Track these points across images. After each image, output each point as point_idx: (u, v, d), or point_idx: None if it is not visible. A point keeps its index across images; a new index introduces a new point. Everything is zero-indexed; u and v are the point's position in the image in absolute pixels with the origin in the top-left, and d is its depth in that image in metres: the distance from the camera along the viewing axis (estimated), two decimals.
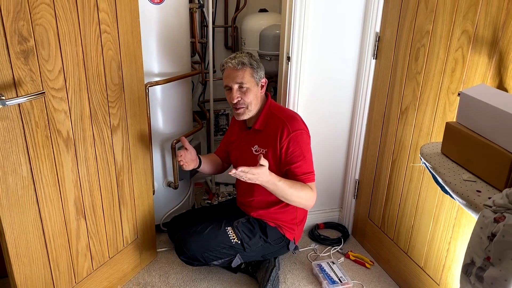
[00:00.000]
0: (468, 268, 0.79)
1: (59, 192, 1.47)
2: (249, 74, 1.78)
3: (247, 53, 1.85)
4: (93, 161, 1.60)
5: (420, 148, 1.19)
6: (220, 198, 2.73)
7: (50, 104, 1.37)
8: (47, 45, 1.31)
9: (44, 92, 1.30)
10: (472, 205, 0.86)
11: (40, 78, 1.31)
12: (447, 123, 1.08)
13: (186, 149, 1.91)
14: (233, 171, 1.58)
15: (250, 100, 1.80)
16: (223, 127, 2.96)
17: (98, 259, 1.74)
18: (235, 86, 1.78)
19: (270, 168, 1.79)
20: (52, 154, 1.42)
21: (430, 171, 1.07)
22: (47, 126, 1.38)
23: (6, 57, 1.20)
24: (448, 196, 1.56)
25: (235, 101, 1.80)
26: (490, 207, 0.77)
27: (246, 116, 1.85)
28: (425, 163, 1.10)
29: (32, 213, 1.39)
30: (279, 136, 1.78)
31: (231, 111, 2.97)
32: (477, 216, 0.81)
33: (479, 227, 0.77)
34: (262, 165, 1.62)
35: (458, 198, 0.92)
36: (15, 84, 1.24)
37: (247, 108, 1.82)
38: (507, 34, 1.30)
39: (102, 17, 1.50)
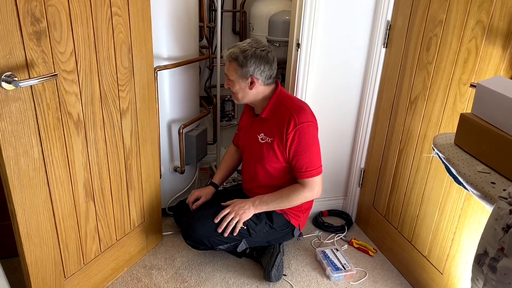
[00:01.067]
0: (480, 258, 0.80)
1: (69, 174, 1.48)
2: (232, 68, 1.81)
3: (252, 41, 1.82)
4: (102, 144, 1.60)
5: (432, 138, 1.19)
6: (224, 184, 2.74)
7: (61, 86, 1.36)
8: (59, 27, 1.30)
9: (56, 74, 1.30)
10: (487, 197, 0.87)
11: (52, 60, 1.31)
12: (461, 114, 1.07)
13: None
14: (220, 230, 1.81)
15: (236, 91, 1.85)
16: (229, 113, 2.96)
17: (106, 241, 1.76)
18: (226, 76, 1.87)
19: (274, 157, 1.84)
20: (63, 136, 1.42)
21: (443, 162, 1.07)
22: (58, 108, 1.38)
23: (19, 38, 1.19)
24: (458, 186, 1.57)
25: (226, 87, 1.90)
26: (506, 198, 0.78)
27: (238, 102, 1.91)
28: (438, 154, 1.10)
29: (43, 194, 1.40)
30: (286, 127, 1.79)
31: None
32: (492, 208, 0.82)
33: (494, 218, 0.78)
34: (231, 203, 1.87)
35: (472, 190, 0.92)
36: (27, 66, 1.24)
37: (235, 96, 1.88)
38: None
39: None
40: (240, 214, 1.83)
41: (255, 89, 1.82)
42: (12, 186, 1.28)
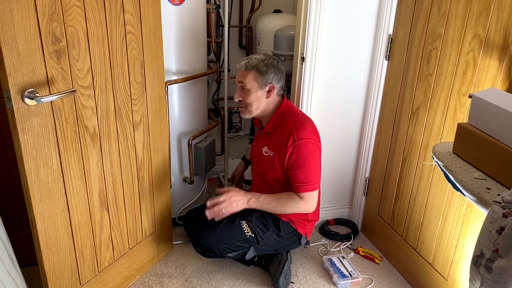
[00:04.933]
0: (477, 260, 0.85)
1: (85, 185, 1.55)
2: (252, 77, 1.85)
3: (264, 55, 1.91)
4: (116, 156, 1.67)
5: (432, 147, 1.24)
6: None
7: (79, 101, 1.44)
8: (77, 45, 1.39)
9: (75, 90, 1.38)
10: (482, 201, 0.92)
11: (70, 77, 1.39)
12: (459, 124, 1.13)
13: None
14: (207, 212, 1.84)
15: (251, 101, 1.87)
16: (236, 125, 3.03)
17: (119, 249, 1.82)
18: (238, 86, 1.89)
19: (275, 171, 1.89)
20: (80, 148, 1.49)
21: (442, 169, 1.12)
22: (76, 122, 1.45)
23: (41, 56, 1.27)
24: (460, 193, 1.62)
25: (236, 100, 1.91)
26: (499, 203, 0.83)
27: (247, 115, 1.94)
28: (437, 162, 1.16)
29: (61, 204, 1.46)
30: (285, 142, 1.84)
31: None
32: (487, 212, 0.87)
33: (489, 221, 0.83)
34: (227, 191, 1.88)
35: (469, 195, 0.98)
36: (48, 82, 1.31)
37: (246, 108, 1.91)
38: None
39: (127, 18, 1.57)
40: (233, 207, 1.84)
41: (271, 98, 1.89)
42: (33, 196, 1.35)
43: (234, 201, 1.85)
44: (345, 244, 2.31)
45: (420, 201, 1.91)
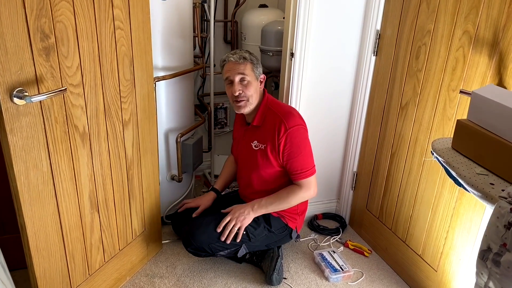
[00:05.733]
0: (484, 254, 0.87)
1: (75, 186, 1.50)
2: (250, 68, 1.87)
3: (246, 50, 1.93)
4: (106, 156, 1.63)
5: (430, 143, 1.26)
6: None
7: (68, 100, 1.39)
8: (66, 42, 1.33)
9: (65, 89, 1.32)
10: (487, 197, 0.94)
11: (59, 75, 1.33)
12: (458, 120, 1.15)
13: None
14: (222, 239, 1.86)
15: (251, 93, 1.88)
16: (221, 120, 3.00)
17: (110, 251, 1.77)
18: (237, 79, 1.86)
19: (269, 163, 1.90)
20: (70, 149, 1.44)
21: (443, 165, 1.14)
22: (65, 122, 1.40)
23: (30, 54, 1.22)
24: (449, 187, 1.66)
25: (236, 94, 1.87)
26: (506, 198, 0.85)
27: (247, 110, 1.91)
28: (437, 158, 1.18)
29: (51, 207, 1.41)
30: (277, 132, 1.85)
31: (229, 105, 3.01)
32: (493, 207, 0.89)
33: (496, 217, 0.85)
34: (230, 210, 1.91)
35: (473, 191, 1.00)
36: (37, 81, 1.26)
37: (248, 100, 1.89)
38: (507, 36, 1.39)
39: (116, 13, 1.52)
40: (241, 220, 1.87)
41: (260, 90, 1.92)
42: (23, 200, 1.30)
43: (241, 214, 1.88)
44: (334, 238, 2.34)
45: (409, 194, 1.94)
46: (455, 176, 1.07)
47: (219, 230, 1.85)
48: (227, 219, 1.88)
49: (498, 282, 0.83)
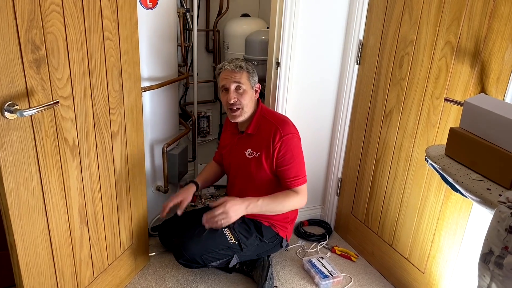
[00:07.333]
0: (486, 257, 0.91)
1: (65, 201, 1.46)
2: (245, 77, 1.87)
3: (242, 59, 1.93)
4: (95, 169, 1.59)
5: (425, 150, 1.31)
6: (203, 200, 2.76)
7: (58, 112, 1.35)
8: (57, 53, 1.30)
9: (58, 102, 1.29)
10: (486, 202, 0.99)
11: (50, 87, 1.30)
12: (451, 128, 1.20)
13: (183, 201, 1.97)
14: (203, 221, 1.79)
15: (246, 102, 1.88)
16: (204, 129, 2.99)
17: (99, 266, 1.73)
18: (233, 87, 1.86)
19: (264, 171, 1.89)
20: (60, 163, 1.40)
21: (438, 172, 1.19)
22: (56, 135, 1.36)
23: (21, 66, 1.18)
24: (435, 191, 1.71)
25: (232, 101, 1.86)
26: (505, 203, 0.89)
27: (241, 118, 1.91)
28: (432, 165, 1.22)
29: (41, 223, 1.36)
30: (272, 139, 1.87)
31: (211, 113, 3.00)
32: (492, 212, 0.93)
33: (496, 221, 0.89)
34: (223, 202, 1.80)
35: (471, 196, 1.04)
36: (27, 94, 1.22)
37: (242, 109, 1.89)
38: (488, 47, 1.46)
39: (105, 24, 1.50)
40: (231, 217, 1.78)
41: (255, 98, 1.93)
42: (13, 217, 1.25)
43: (232, 210, 1.78)
44: (321, 244, 2.36)
45: (395, 199, 1.99)
46: (452, 182, 1.11)
47: (204, 219, 1.79)
48: (218, 211, 1.78)
49: (501, 283, 0.87)
